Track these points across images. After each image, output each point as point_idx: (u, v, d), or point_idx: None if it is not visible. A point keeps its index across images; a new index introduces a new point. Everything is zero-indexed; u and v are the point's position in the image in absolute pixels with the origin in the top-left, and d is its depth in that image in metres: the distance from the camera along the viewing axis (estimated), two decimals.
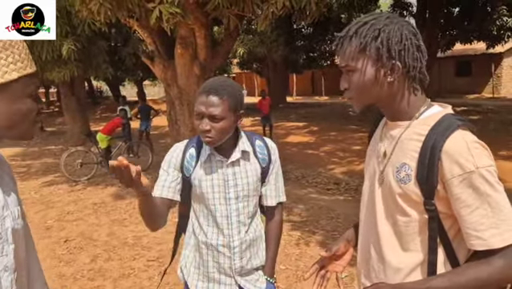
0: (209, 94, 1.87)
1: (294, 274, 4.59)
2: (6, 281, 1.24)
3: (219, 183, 2.02)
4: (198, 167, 2.03)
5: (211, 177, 2.02)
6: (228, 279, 2.11)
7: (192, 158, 2.04)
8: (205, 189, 2.01)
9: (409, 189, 1.36)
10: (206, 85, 1.92)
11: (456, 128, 1.30)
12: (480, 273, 1.27)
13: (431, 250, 1.39)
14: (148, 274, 4.72)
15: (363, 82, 1.40)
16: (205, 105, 1.87)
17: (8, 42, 1.20)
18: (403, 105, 1.42)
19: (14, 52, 1.21)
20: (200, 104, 1.88)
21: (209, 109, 1.86)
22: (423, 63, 1.38)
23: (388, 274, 1.49)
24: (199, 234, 2.11)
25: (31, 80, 1.27)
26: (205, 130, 1.88)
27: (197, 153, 2.05)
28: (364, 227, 1.62)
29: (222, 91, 1.88)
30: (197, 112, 1.90)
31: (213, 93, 1.87)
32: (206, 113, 1.87)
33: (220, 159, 2.02)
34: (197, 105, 1.89)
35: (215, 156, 2.02)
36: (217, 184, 2.02)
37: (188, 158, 2.05)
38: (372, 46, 1.34)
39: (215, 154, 2.01)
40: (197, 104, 1.89)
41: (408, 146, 1.39)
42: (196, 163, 2.04)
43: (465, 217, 1.28)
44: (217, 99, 1.87)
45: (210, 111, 1.86)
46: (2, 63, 1.18)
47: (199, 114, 1.89)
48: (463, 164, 1.26)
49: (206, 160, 2.02)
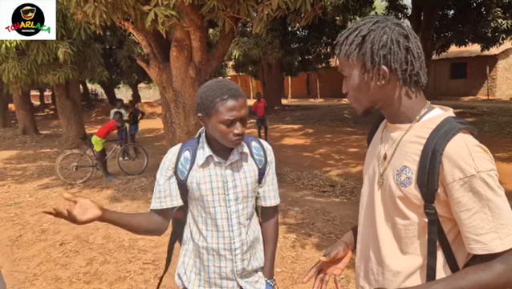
0: (236, 97, 1.85)
1: (290, 276, 4.58)
2: None
3: (218, 185, 2.01)
4: (195, 170, 2.01)
5: (210, 180, 2.00)
6: (230, 283, 2.10)
7: (186, 161, 2.02)
8: (205, 191, 1.99)
9: (410, 192, 1.36)
10: (224, 89, 1.87)
11: (457, 132, 1.30)
12: (480, 278, 1.27)
13: (430, 253, 1.39)
14: (144, 277, 4.70)
15: (355, 87, 1.43)
16: (237, 109, 1.85)
17: None
18: (401, 107, 1.42)
19: None
20: (230, 110, 1.84)
21: (241, 112, 1.87)
22: (415, 64, 1.37)
23: (386, 277, 1.49)
24: (198, 239, 2.09)
25: None
26: (240, 133, 1.88)
27: (192, 156, 2.02)
28: (363, 229, 1.62)
29: (242, 93, 1.90)
30: (228, 119, 1.84)
31: (238, 96, 1.86)
32: (240, 116, 1.86)
33: (219, 161, 2.00)
34: (227, 112, 1.84)
35: (214, 158, 2.00)
36: (216, 186, 2.00)
37: (182, 161, 2.03)
38: (355, 53, 1.38)
39: (214, 156, 2.00)
40: (226, 111, 1.84)
41: (409, 149, 1.39)
42: (191, 166, 2.02)
43: (465, 220, 1.28)
44: (243, 101, 1.88)
45: (243, 114, 1.87)
46: None
47: (233, 120, 1.85)
48: (464, 168, 1.25)
49: (204, 163, 2.00)
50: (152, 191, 7.16)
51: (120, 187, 9.14)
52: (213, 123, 1.87)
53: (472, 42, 20.33)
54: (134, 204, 7.75)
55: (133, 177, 9.92)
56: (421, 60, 1.39)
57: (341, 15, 19.56)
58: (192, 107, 8.17)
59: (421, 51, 1.39)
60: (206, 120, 1.92)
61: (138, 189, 8.83)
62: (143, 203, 7.75)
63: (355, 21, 1.69)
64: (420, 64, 1.38)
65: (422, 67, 1.39)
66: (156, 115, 26.89)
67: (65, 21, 9.60)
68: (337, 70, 1.49)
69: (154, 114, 27.31)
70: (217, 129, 1.87)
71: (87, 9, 6.24)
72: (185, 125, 8.21)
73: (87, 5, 6.22)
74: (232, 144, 1.92)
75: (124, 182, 9.53)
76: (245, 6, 6.53)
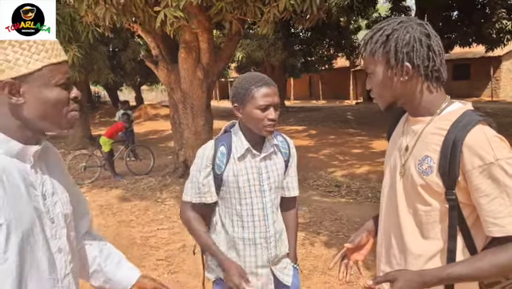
0: (269, 85, 2.01)
1: (301, 272, 4.65)
2: (61, 262, 1.33)
3: (254, 177, 2.13)
4: (232, 163, 2.12)
5: (246, 172, 2.12)
6: (264, 270, 2.21)
7: (223, 156, 2.12)
8: (242, 183, 2.11)
9: (431, 180, 1.45)
10: (257, 79, 2.03)
11: (476, 123, 1.39)
12: (498, 259, 1.36)
13: (451, 237, 1.48)
14: (158, 273, 4.77)
15: (379, 83, 1.53)
16: (271, 96, 1.99)
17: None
18: (423, 102, 1.52)
19: (37, 42, 1.25)
20: (265, 96, 1.98)
21: (274, 98, 2.01)
22: (436, 61, 1.47)
23: (408, 261, 1.57)
24: (233, 231, 2.19)
25: (58, 69, 1.29)
26: (274, 119, 2.01)
27: (227, 150, 2.13)
28: (385, 218, 1.71)
29: (274, 82, 2.05)
30: (263, 104, 1.98)
31: (270, 84, 2.01)
32: (274, 102, 2.00)
33: (255, 153, 2.12)
34: (261, 97, 1.98)
35: (250, 150, 2.12)
36: (252, 178, 2.12)
37: (219, 156, 2.13)
38: (380, 51, 1.48)
39: (251, 149, 2.11)
40: (261, 97, 1.98)
41: (431, 140, 1.48)
42: (227, 160, 2.12)
43: (485, 205, 1.37)
44: (275, 88, 2.02)
45: (276, 101, 2.01)
46: (26, 54, 1.22)
47: (267, 105, 1.99)
48: (483, 156, 1.34)
49: (241, 156, 2.11)
50: (160, 190, 7.24)
51: (129, 187, 9.23)
52: (249, 109, 2.00)
53: (476, 44, 20.29)
54: (143, 203, 7.84)
55: (141, 177, 10.01)
56: (442, 57, 1.49)
57: (345, 16, 19.62)
58: (200, 108, 8.27)
59: (442, 49, 1.49)
60: (241, 109, 2.04)
61: (147, 189, 8.91)
62: (152, 202, 7.84)
63: (359, 22, 1.79)
64: (441, 61, 1.48)
65: (443, 63, 1.49)
66: (159, 117, 26.97)
67: (73, 24, 9.69)
68: (339, 71, 1.60)
69: (157, 116, 27.39)
70: (252, 116, 2.00)
71: (98, 11, 6.35)
72: (193, 126, 8.31)
73: (98, 7, 6.34)
74: (266, 130, 2.04)
75: (132, 182, 9.62)
76: (252, 8, 6.63)
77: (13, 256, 1.17)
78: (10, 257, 1.16)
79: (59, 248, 1.33)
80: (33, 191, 1.28)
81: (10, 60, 1.20)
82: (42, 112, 1.28)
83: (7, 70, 1.20)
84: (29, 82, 1.23)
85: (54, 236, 1.32)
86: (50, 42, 1.29)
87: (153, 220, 6.83)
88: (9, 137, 1.25)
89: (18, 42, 1.22)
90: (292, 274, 2.32)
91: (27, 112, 1.26)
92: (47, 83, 1.27)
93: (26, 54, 1.22)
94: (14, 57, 1.20)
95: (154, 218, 6.91)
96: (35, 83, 1.25)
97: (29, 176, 1.29)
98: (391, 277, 1.46)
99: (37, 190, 1.30)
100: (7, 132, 1.25)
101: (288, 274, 2.30)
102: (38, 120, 1.29)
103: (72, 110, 1.36)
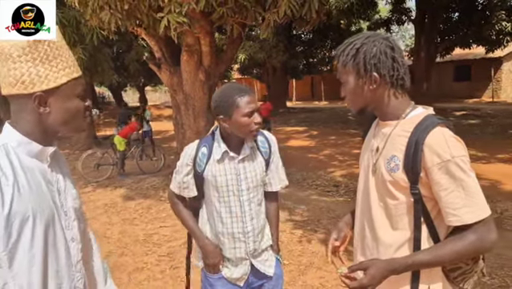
0: (250, 93, 2.21)
1: (297, 268, 4.84)
2: (74, 249, 1.54)
3: (232, 177, 2.31)
4: (211, 164, 2.31)
5: (225, 173, 2.30)
6: (244, 262, 2.41)
7: (203, 156, 2.32)
8: (220, 183, 2.30)
9: (398, 177, 1.64)
10: (238, 89, 2.21)
11: (436, 125, 1.58)
12: (456, 246, 1.55)
13: (416, 227, 1.67)
14: (160, 268, 4.98)
15: (351, 91, 1.73)
16: (254, 102, 2.19)
17: (57, 52, 1.43)
18: (390, 107, 1.72)
19: (62, 60, 1.45)
20: (249, 104, 2.17)
21: (256, 104, 2.21)
22: (400, 70, 1.66)
23: (380, 250, 1.76)
24: (215, 225, 2.39)
25: (78, 83, 1.49)
26: (260, 122, 2.22)
27: (208, 152, 2.33)
28: (360, 211, 1.91)
29: (251, 90, 2.27)
30: (248, 111, 2.16)
31: (250, 92, 2.22)
32: (256, 108, 2.20)
33: (232, 155, 2.30)
34: (246, 105, 2.16)
35: (228, 153, 2.30)
36: (231, 178, 2.31)
37: (200, 156, 2.33)
38: (351, 63, 1.68)
39: (229, 151, 2.30)
40: (246, 104, 2.16)
41: (397, 141, 1.67)
42: (207, 160, 2.32)
43: (444, 198, 1.56)
44: (254, 95, 2.23)
45: (257, 106, 2.22)
46: (54, 70, 1.41)
47: (252, 111, 2.17)
48: (441, 154, 1.54)
49: (220, 158, 2.29)
50: (162, 189, 7.42)
51: (133, 186, 9.44)
52: (236, 118, 2.17)
53: (476, 45, 20.35)
54: (146, 202, 8.04)
55: (145, 177, 10.26)
56: (405, 67, 1.69)
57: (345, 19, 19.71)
58: (201, 110, 8.44)
59: (404, 60, 1.70)
60: (227, 120, 2.21)
61: (150, 188, 9.13)
62: (155, 201, 8.04)
63: (359, 24, 2.00)
64: (405, 70, 1.68)
65: (406, 72, 1.69)
66: (162, 117, 27.17)
67: (78, 27, 9.85)
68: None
69: (161, 116, 27.59)
70: (240, 123, 2.18)
71: (103, 16, 6.54)
72: (195, 126, 8.48)
73: (103, 12, 6.52)
74: (252, 134, 2.24)
75: (136, 182, 9.85)
76: (252, 13, 6.81)
77: (39, 242, 1.38)
78: (36, 244, 1.37)
79: (72, 237, 1.54)
80: (50, 187, 1.49)
81: (41, 76, 1.39)
82: (64, 120, 1.48)
83: (38, 84, 1.39)
84: (55, 94, 1.43)
85: (67, 227, 1.53)
86: (72, 60, 1.49)
87: (156, 218, 7.01)
88: (30, 140, 1.45)
89: (48, 60, 1.40)
90: (274, 265, 2.51)
91: (51, 120, 1.46)
92: (70, 95, 1.47)
93: (54, 70, 1.41)
94: (44, 73, 1.40)
95: (157, 216, 7.10)
96: (60, 95, 1.45)
97: (47, 174, 1.49)
98: (364, 265, 1.66)
99: (53, 186, 1.51)
100: (30, 136, 1.45)
101: (270, 266, 2.48)
102: (59, 126, 1.49)
103: (86, 116, 1.58)
